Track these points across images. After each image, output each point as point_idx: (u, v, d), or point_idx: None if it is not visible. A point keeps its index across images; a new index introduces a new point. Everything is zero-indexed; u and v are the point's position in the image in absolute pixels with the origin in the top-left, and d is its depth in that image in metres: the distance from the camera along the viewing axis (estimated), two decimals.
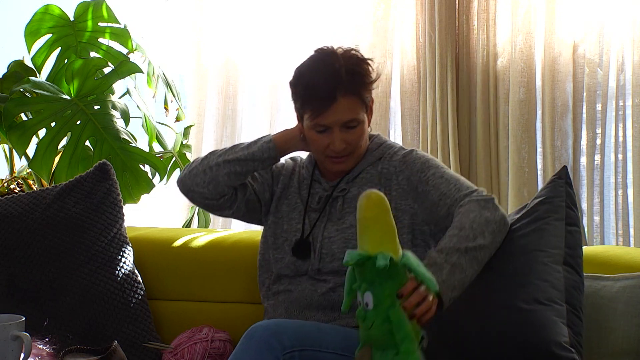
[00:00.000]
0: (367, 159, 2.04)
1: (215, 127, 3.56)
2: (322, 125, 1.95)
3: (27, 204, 2.30)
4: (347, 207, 2.01)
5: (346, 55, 1.98)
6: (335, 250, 1.97)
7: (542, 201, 1.92)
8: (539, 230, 1.87)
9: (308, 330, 1.76)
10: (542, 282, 1.80)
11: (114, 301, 2.21)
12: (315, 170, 2.09)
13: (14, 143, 2.87)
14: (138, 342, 2.19)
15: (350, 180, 2.03)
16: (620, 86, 3.00)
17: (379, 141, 2.08)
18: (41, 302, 2.19)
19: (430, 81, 3.23)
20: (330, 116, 1.93)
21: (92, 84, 2.93)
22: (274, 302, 2.04)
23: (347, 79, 1.92)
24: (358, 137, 1.98)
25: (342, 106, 1.92)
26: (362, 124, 1.97)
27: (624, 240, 2.99)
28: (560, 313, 1.78)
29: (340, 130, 1.95)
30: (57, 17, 3.11)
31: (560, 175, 1.94)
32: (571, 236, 1.88)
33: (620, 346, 1.82)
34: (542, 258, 1.83)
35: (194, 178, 2.06)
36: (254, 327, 1.71)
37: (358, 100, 1.95)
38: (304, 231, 2.02)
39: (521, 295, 1.79)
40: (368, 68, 1.98)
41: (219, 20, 3.54)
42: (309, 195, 2.07)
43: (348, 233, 1.97)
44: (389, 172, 2.01)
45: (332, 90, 1.91)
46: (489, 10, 3.21)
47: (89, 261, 2.23)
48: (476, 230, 1.81)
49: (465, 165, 3.25)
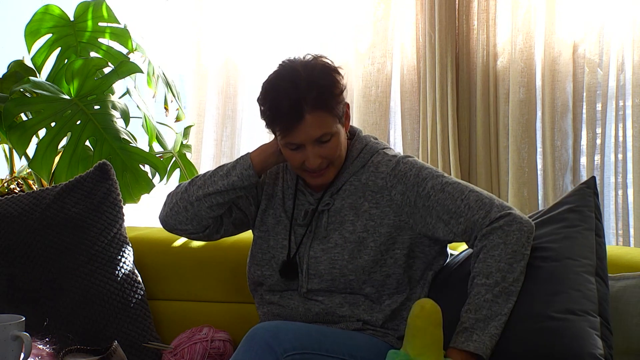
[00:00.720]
0: (348, 169, 1.96)
1: (215, 127, 3.56)
2: (293, 143, 1.86)
3: (27, 204, 2.30)
4: (331, 223, 1.94)
5: (309, 67, 1.86)
6: (323, 271, 1.92)
7: (571, 209, 1.89)
8: (570, 238, 1.84)
9: (309, 333, 1.76)
10: (575, 292, 1.76)
11: (114, 301, 2.21)
12: (299, 179, 2.00)
13: (14, 143, 2.87)
14: (138, 342, 2.19)
15: (334, 192, 1.95)
16: (620, 86, 3.00)
17: (360, 145, 1.98)
18: (41, 302, 2.19)
19: (430, 81, 3.23)
20: (299, 135, 1.83)
21: (92, 84, 2.93)
22: (267, 311, 2.01)
23: (312, 95, 1.81)
24: (333, 149, 1.87)
25: (310, 123, 1.82)
26: (336, 136, 1.87)
27: (624, 240, 2.99)
28: (594, 325, 1.73)
29: (313, 146, 1.85)
30: (57, 17, 3.11)
31: (588, 184, 1.92)
32: (600, 247, 1.85)
33: (620, 345, 1.82)
34: (574, 267, 1.80)
35: (176, 216, 1.97)
36: (254, 329, 1.71)
37: (327, 114, 1.84)
38: (290, 250, 1.97)
39: (555, 303, 1.75)
40: (335, 77, 1.87)
41: (219, 20, 3.54)
42: (294, 208, 1.99)
43: (334, 253, 1.91)
44: (376, 185, 1.92)
45: (296, 109, 1.81)
46: (489, 10, 3.21)
47: (89, 261, 2.23)
48: (504, 270, 1.78)
49: (465, 165, 3.25)
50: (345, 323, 1.91)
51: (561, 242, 1.84)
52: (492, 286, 1.77)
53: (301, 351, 1.69)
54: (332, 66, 1.90)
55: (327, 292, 1.92)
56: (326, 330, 1.84)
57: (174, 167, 3.22)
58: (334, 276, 1.90)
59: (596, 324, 1.74)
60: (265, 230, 2.02)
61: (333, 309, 1.91)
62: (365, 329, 1.91)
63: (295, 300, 1.96)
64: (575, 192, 1.93)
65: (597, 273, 1.81)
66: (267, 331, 1.69)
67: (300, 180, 2.00)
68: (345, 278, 1.90)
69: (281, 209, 2.01)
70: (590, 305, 1.76)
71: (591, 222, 1.87)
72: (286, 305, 1.96)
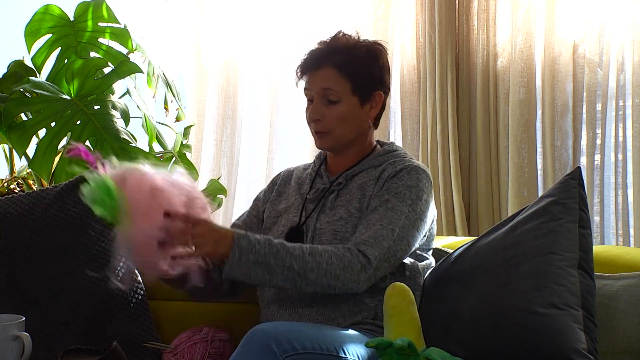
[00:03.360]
0: (370, 161, 2.07)
1: (215, 127, 3.56)
2: (307, 90, 2.04)
3: (27, 204, 2.30)
4: (339, 200, 2.03)
5: (356, 43, 2.04)
6: (325, 241, 1.98)
7: (555, 201, 1.89)
8: (553, 232, 1.85)
9: (308, 333, 1.76)
10: (559, 286, 1.78)
11: (114, 301, 2.21)
12: (322, 165, 2.13)
13: (14, 143, 2.87)
14: (138, 342, 2.19)
15: (349, 177, 2.06)
16: (620, 86, 3.00)
17: (389, 149, 2.10)
18: (41, 302, 2.19)
19: (430, 81, 3.23)
20: (310, 82, 2.03)
21: (92, 84, 2.93)
22: (266, 295, 2.04)
23: (339, 58, 2.00)
24: (334, 115, 2.01)
25: (323, 75, 2.01)
26: (343, 103, 2.01)
27: (624, 240, 2.99)
28: (577, 319, 1.75)
29: (320, 100, 2.01)
30: (57, 17, 3.11)
31: (573, 176, 1.91)
32: (584, 239, 1.85)
33: (620, 345, 1.82)
34: (557, 261, 1.81)
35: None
36: (253, 330, 1.70)
37: (344, 77, 2.00)
38: (300, 220, 2.04)
39: (537, 299, 1.77)
40: (371, 60, 2.04)
41: (219, 20, 3.54)
42: (311, 188, 2.10)
43: (337, 225, 1.99)
44: (377, 179, 2.02)
45: (319, 58, 2.02)
46: (489, 10, 3.21)
47: (89, 261, 2.23)
48: (315, 269, 1.83)
49: (465, 165, 3.25)
50: (343, 318, 1.93)
51: (543, 238, 1.84)
52: (300, 260, 1.83)
53: (300, 352, 1.69)
54: (377, 53, 2.06)
55: None
56: (325, 330, 1.85)
57: (174, 167, 3.21)
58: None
59: (579, 318, 1.75)
60: (276, 215, 2.12)
61: None
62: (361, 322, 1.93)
63: None
64: (559, 185, 1.92)
65: (580, 266, 1.82)
66: (266, 332, 1.68)
67: (324, 165, 2.13)
68: None
69: (295, 193, 2.12)
70: (572, 299, 1.77)
71: (575, 214, 1.86)
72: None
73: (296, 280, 1.84)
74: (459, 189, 3.18)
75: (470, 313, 1.86)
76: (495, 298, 1.83)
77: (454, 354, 1.72)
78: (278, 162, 3.48)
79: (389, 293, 1.73)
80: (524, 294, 1.79)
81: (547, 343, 1.73)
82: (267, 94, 3.51)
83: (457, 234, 3.15)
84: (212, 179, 3.27)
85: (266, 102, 3.51)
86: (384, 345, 1.62)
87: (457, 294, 1.92)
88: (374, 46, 2.07)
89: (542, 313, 1.75)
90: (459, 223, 3.15)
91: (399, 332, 1.69)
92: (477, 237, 2.06)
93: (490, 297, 1.84)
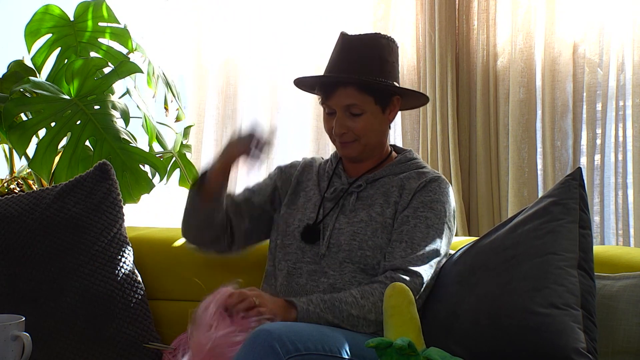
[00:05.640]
0: (391, 167, 2.09)
1: (215, 127, 3.56)
2: (327, 105, 2.05)
3: (27, 204, 2.30)
4: (360, 203, 2.05)
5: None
6: (343, 242, 2.01)
7: (555, 202, 1.89)
8: (553, 233, 1.84)
9: (312, 334, 1.75)
10: (559, 286, 1.78)
11: (114, 301, 2.21)
12: (339, 165, 2.14)
13: (14, 143, 2.87)
14: (138, 342, 2.19)
15: (369, 181, 2.08)
16: (620, 86, 3.00)
17: (410, 156, 2.12)
18: (41, 302, 2.19)
19: (430, 81, 3.23)
20: (332, 101, 2.03)
21: (92, 84, 2.93)
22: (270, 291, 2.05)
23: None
24: (361, 126, 2.02)
25: (344, 93, 2.01)
26: (368, 114, 2.02)
27: (624, 240, 2.99)
28: (577, 318, 1.75)
29: (343, 114, 2.03)
30: (57, 17, 3.11)
31: (574, 176, 1.91)
32: (584, 240, 1.85)
33: (620, 345, 1.82)
34: (557, 262, 1.81)
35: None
36: (257, 330, 1.70)
37: (364, 91, 2.01)
38: (317, 218, 2.06)
39: (537, 299, 1.77)
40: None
41: (219, 20, 3.54)
42: (328, 187, 2.11)
43: (357, 227, 2.01)
44: (402, 188, 2.04)
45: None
46: (489, 10, 3.21)
47: (89, 261, 2.23)
48: (371, 310, 1.88)
49: (465, 165, 3.25)
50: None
51: (544, 238, 1.85)
52: (355, 307, 1.87)
53: (304, 352, 1.69)
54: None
55: (338, 266, 1.99)
56: (329, 331, 1.84)
57: (174, 167, 3.22)
58: (352, 247, 2.00)
59: (578, 317, 1.75)
60: (295, 208, 2.13)
61: (340, 286, 1.97)
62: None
63: (303, 278, 2.02)
64: (560, 185, 1.92)
65: (580, 266, 1.82)
66: (269, 333, 1.68)
67: (341, 165, 2.14)
68: (362, 252, 1.99)
69: (315, 189, 2.13)
70: (572, 299, 1.77)
71: (575, 215, 1.86)
72: (294, 284, 2.02)
73: (358, 324, 1.88)
74: (459, 189, 3.18)
75: (471, 313, 1.86)
76: (495, 298, 1.83)
77: (454, 354, 1.73)
78: (278, 162, 3.48)
79: (389, 293, 1.74)
80: (524, 294, 1.79)
81: (546, 343, 1.73)
82: (267, 94, 3.51)
83: (457, 233, 3.15)
84: None
85: (266, 102, 3.51)
86: (384, 345, 1.62)
87: (458, 294, 1.92)
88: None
89: (542, 313, 1.75)
90: (459, 223, 3.15)
91: (399, 332, 1.69)
92: (478, 238, 2.06)
93: (490, 297, 1.84)
